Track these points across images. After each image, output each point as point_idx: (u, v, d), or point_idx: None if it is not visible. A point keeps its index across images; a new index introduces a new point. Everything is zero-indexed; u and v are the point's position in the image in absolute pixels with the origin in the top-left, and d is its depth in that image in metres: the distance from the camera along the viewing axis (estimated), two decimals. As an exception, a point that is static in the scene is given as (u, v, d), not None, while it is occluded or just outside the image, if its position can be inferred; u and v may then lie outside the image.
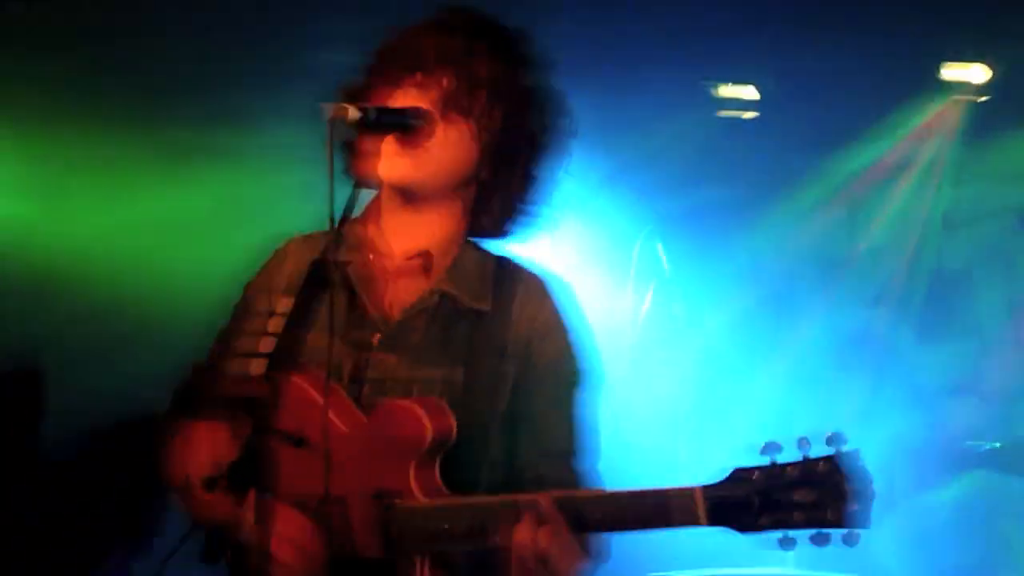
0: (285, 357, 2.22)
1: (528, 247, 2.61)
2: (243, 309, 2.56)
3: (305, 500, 2.31)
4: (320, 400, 2.35)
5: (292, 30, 5.50)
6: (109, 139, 5.65)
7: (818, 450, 1.97)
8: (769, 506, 1.99)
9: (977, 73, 5.68)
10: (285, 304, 2.30)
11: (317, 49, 5.51)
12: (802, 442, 1.98)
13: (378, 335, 2.46)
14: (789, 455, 2.00)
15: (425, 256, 2.49)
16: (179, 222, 6.05)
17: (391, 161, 2.42)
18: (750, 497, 2.00)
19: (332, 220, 2.23)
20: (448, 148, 2.44)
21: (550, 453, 2.47)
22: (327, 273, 2.26)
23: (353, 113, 2.30)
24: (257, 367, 2.27)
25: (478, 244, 2.54)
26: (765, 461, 2.00)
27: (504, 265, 2.56)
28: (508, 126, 2.47)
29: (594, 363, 2.54)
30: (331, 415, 2.35)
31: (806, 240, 6.33)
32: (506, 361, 2.47)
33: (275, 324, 2.32)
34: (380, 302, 2.49)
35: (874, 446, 6.00)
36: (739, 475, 2.03)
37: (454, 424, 2.34)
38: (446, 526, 2.26)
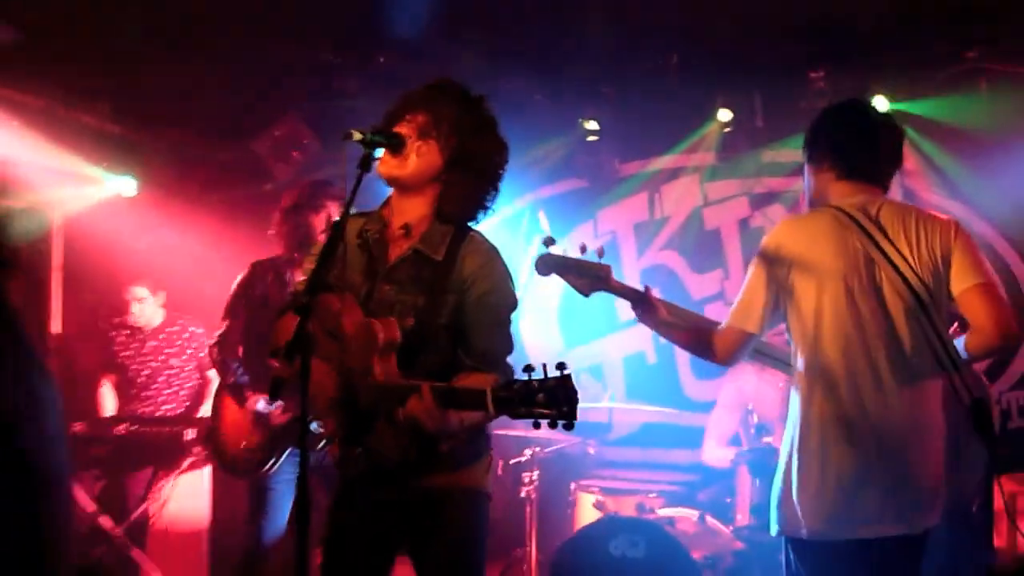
0: (317, 282, 2.42)
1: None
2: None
3: (332, 366, 2.55)
4: (342, 309, 2.56)
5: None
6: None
7: (552, 370, 2.22)
8: (525, 403, 2.21)
9: (725, 115, 6.72)
10: (318, 250, 2.55)
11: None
12: (544, 366, 2.19)
13: (381, 273, 2.67)
14: (539, 373, 2.22)
15: (408, 227, 2.68)
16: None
17: (384, 162, 2.63)
18: (515, 396, 2.23)
19: (347, 204, 2.46)
20: (421, 157, 2.63)
21: (474, 351, 2.63)
22: (340, 232, 2.43)
23: (356, 135, 2.48)
24: (302, 287, 2.59)
25: (447, 220, 2.73)
26: (524, 376, 2.26)
27: (460, 232, 2.70)
28: (462, 147, 2.64)
29: (511, 299, 2.69)
30: (348, 318, 2.54)
31: (628, 211, 7.33)
32: (449, 292, 2.63)
33: (310, 262, 2.67)
34: (384, 254, 2.68)
35: (656, 343, 6.85)
36: (511, 383, 2.27)
37: (398, 333, 2.52)
38: (384, 398, 2.45)
